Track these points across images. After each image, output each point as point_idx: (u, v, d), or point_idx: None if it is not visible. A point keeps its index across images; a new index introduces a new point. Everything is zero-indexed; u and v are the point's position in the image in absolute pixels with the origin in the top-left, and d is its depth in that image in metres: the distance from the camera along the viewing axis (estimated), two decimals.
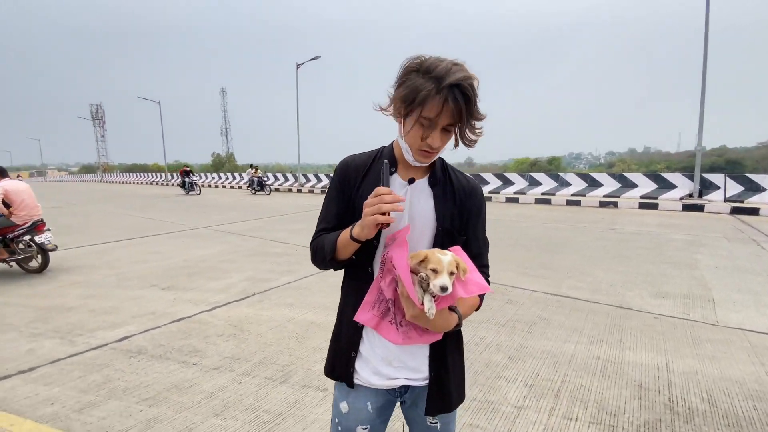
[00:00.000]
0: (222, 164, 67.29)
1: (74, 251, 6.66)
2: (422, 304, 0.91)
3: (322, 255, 1.04)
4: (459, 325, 0.99)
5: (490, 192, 15.19)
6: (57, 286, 4.73)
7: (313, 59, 20.57)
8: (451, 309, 0.97)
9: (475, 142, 0.97)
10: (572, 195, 13.59)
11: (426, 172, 1.08)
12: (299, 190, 20.92)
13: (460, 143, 0.97)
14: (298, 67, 21.33)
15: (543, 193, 14.04)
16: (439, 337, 1.01)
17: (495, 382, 2.54)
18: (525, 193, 14.35)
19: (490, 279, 1.15)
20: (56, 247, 5.48)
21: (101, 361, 2.89)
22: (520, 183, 15.16)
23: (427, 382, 1.07)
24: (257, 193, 19.48)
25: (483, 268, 1.13)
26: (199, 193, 19.73)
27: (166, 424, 2.17)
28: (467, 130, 0.93)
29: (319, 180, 22.17)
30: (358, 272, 1.07)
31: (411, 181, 1.04)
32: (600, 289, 4.29)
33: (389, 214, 0.91)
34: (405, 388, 1.08)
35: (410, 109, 0.91)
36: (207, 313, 3.80)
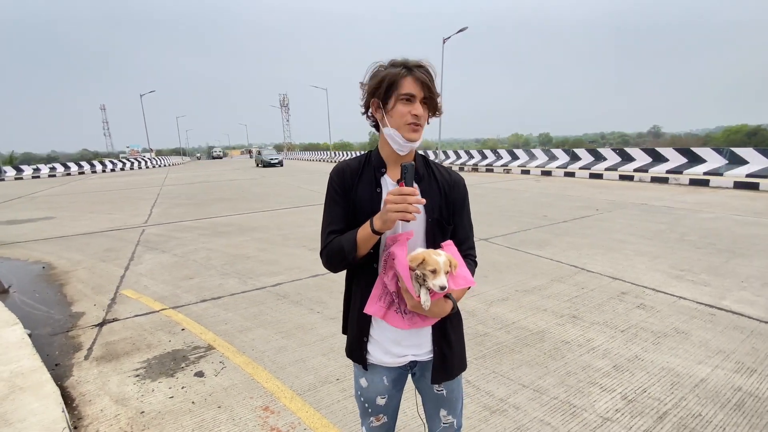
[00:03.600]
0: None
1: (260, 214, 8.61)
2: (419, 296, 1.05)
3: (341, 256, 1.12)
4: (454, 309, 1.13)
5: (668, 172, 12.40)
6: (243, 240, 6.31)
7: (460, 31, 19.99)
8: (446, 296, 1.10)
9: (440, 113, 1.18)
10: None
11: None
12: None
13: (434, 115, 1.19)
14: (444, 42, 21.09)
15: (749, 175, 10.67)
16: (439, 318, 1.15)
17: (587, 387, 2.37)
18: (721, 174, 11.17)
19: (477, 259, 1.28)
20: None
21: (259, 299, 3.86)
22: (714, 160, 11.82)
23: (432, 356, 1.22)
24: None
25: (470, 250, 1.26)
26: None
27: (289, 353, 2.84)
28: (435, 104, 1.13)
29: (458, 156, 21.72)
30: (364, 269, 1.19)
31: (399, 181, 1.14)
32: None
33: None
34: (414, 363, 1.25)
35: (388, 95, 1.10)
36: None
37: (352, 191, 1.18)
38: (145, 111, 39.44)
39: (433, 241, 1.17)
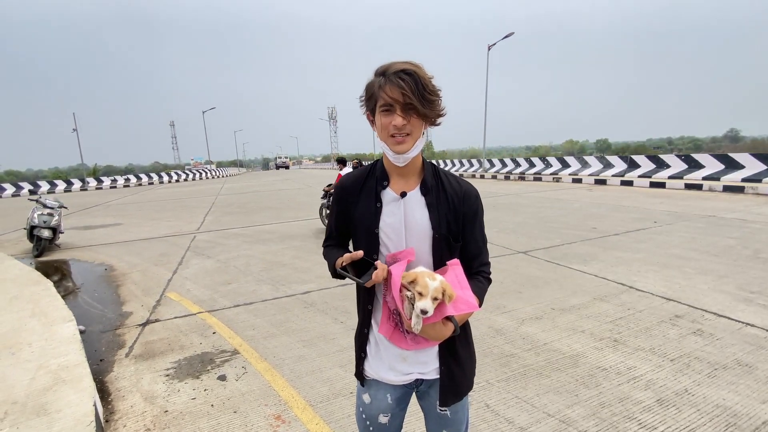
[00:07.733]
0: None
1: (301, 222, 8.89)
2: (410, 319, 1.00)
3: (328, 266, 1.20)
4: (455, 331, 1.05)
5: (743, 180, 11.07)
6: (282, 247, 6.53)
7: (506, 37, 19.47)
8: (447, 318, 1.03)
9: (439, 117, 1.06)
10: None
11: (417, 180, 1.13)
12: (482, 176, 20.66)
13: (431, 126, 1.09)
14: (489, 48, 20.65)
15: None
16: (440, 341, 1.08)
17: (622, 423, 2.13)
18: None
19: (491, 276, 1.20)
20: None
21: (287, 307, 3.94)
22: None
23: (438, 375, 1.16)
24: None
25: (483, 267, 1.18)
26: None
27: (308, 362, 2.86)
28: (425, 108, 1.01)
29: (503, 165, 20.97)
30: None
31: (403, 194, 1.11)
32: None
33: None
34: (419, 381, 1.18)
35: (373, 106, 1.06)
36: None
37: (353, 208, 1.17)
38: (207, 126, 42.74)
39: (439, 258, 1.11)
